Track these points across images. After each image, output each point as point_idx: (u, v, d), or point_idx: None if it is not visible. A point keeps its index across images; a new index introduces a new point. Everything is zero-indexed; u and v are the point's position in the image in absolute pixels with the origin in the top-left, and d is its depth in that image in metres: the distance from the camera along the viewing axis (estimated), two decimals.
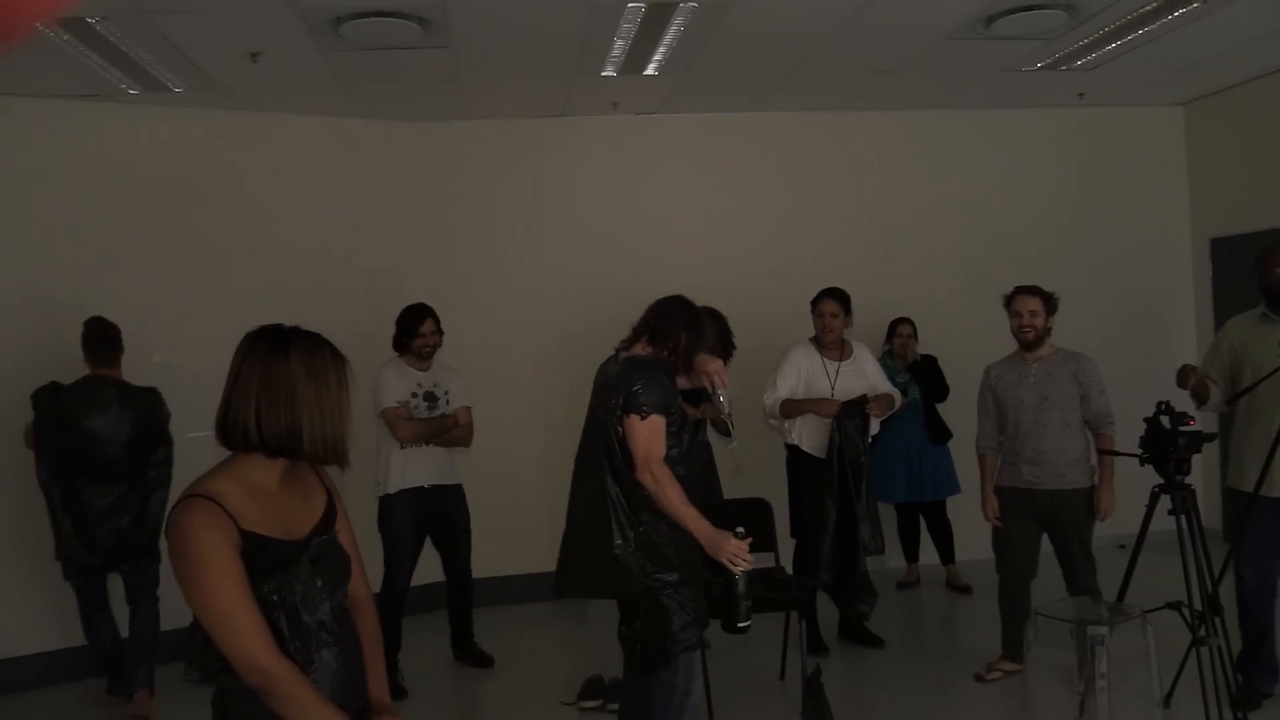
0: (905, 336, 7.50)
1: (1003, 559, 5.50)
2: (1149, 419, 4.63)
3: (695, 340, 4.00)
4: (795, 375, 6.04)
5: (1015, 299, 5.33)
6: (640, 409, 3.71)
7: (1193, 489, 4.62)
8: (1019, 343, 5.36)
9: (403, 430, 5.86)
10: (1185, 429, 4.52)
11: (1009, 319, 5.33)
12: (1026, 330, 5.30)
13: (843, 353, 6.15)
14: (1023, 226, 8.54)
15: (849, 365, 6.10)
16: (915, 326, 7.57)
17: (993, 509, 5.42)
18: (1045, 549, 5.50)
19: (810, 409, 5.92)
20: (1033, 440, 5.28)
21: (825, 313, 6.08)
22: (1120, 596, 4.75)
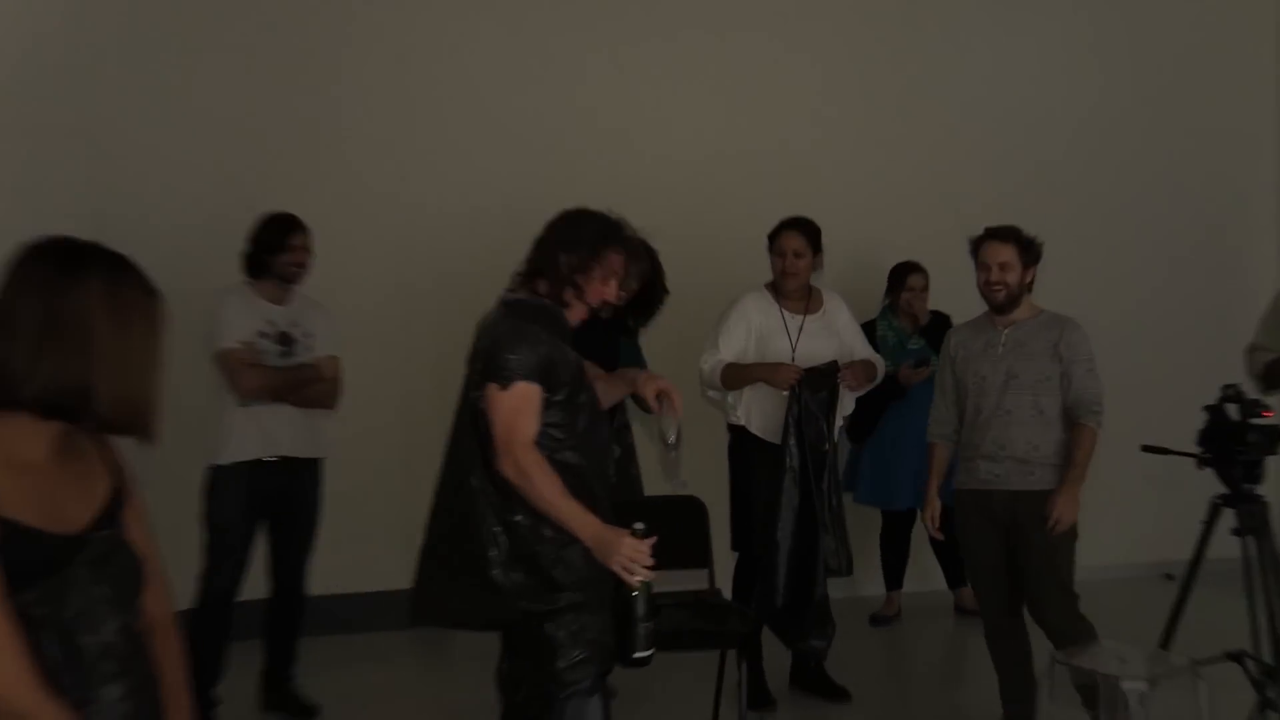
0: (916, 289, 6.11)
1: (974, 585, 4.72)
2: (1211, 407, 4.08)
3: (585, 262, 3.23)
4: (744, 332, 5.00)
5: (983, 246, 4.47)
6: (501, 374, 3.12)
7: (1266, 502, 4.09)
8: (987, 303, 4.53)
9: (245, 380, 4.75)
10: (1259, 422, 4.01)
11: (975, 272, 4.50)
12: (996, 288, 4.43)
13: (809, 304, 5.09)
14: (1059, 130, 6.91)
15: (816, 320, 5.06)
16: (928, 277, 6.11)
17: (932, 514, 4.62)
18: None
19: (762, 377, 4.89)
20: (994, 429, 4.41)
21: (786, 250, 5.00)
22: (1165, 643, 4.20)
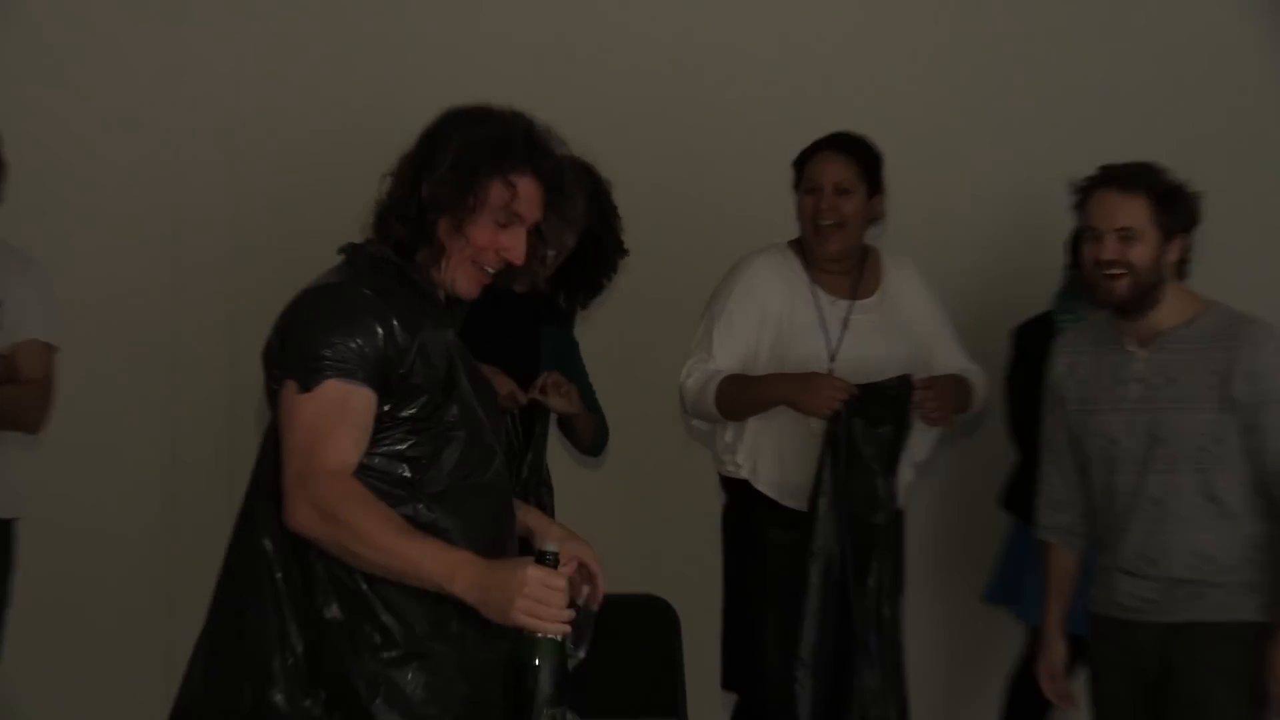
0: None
1: None
2: None
3: (456, 192, 1.93)
4: (754, 323, 3.17)
5: (1091, 200, 2.80)
6: (300, 367, 1.87)
7: None
8: (1098, 300, 2.89)
9: None
10: None
11: (1082, 244, 2.90)
12: (1114, 272, 2.77)
13: (860, 278, 3.25)
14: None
15: (872, 307, 3.25)
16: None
17: (1051, 665, 2.92)
18: None
19: (785, 397, 3.10)
20: (1136, 529, 2.81)
21: (823, 183, 3.15)
22: None
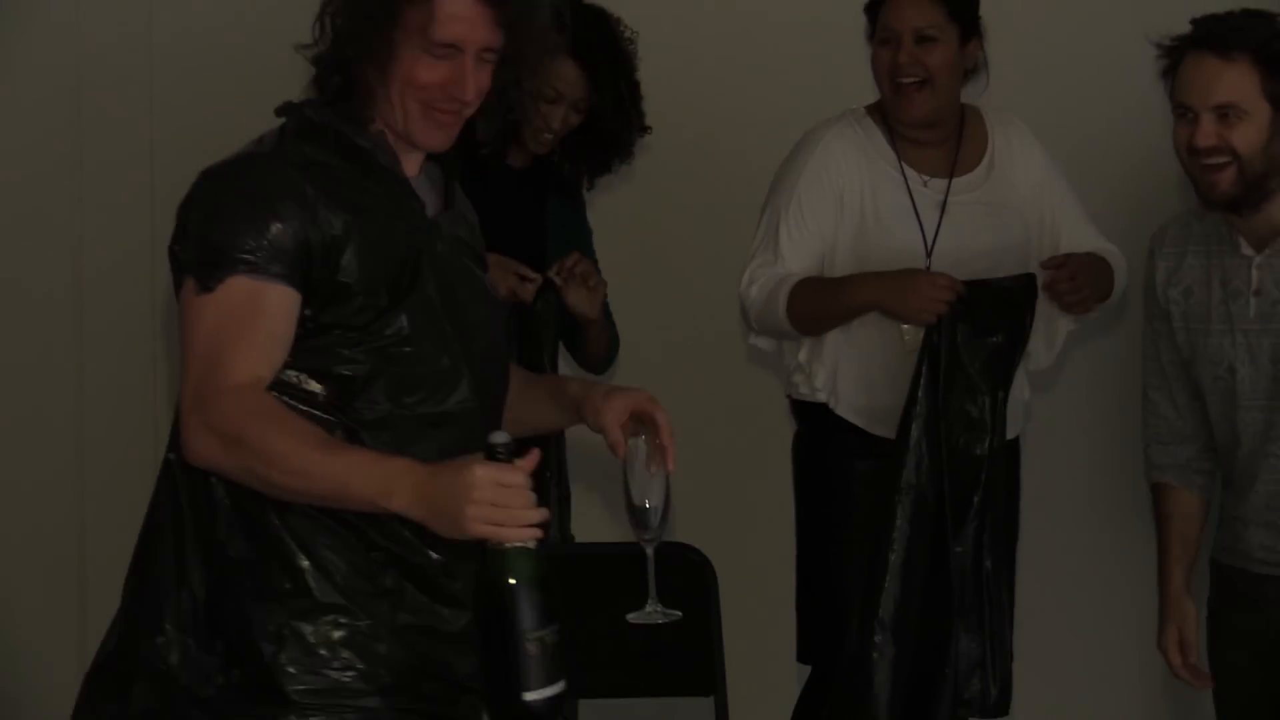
0: None
1: None
2: None
3: (364, 15, 1.50)
4: (830, 211, 2.62)
5: (1182, 65, 2.33)
6: (197, 263, 1.51)
7: None
8: (1200, 195, 2.41)
9: None
10: None
11: (1176, 126, 2.40)
12: (1215, 161, 2.30)
13: (959, 147, 2.68)
14: None
15: (975, 184, 2.66)
16: None
17: (1178, 633, 2.46)
18: None
19: (877, 301, 2.58)
20: (1266, 474, 2.39)
21: (901, 29, 2.62)
22: None
